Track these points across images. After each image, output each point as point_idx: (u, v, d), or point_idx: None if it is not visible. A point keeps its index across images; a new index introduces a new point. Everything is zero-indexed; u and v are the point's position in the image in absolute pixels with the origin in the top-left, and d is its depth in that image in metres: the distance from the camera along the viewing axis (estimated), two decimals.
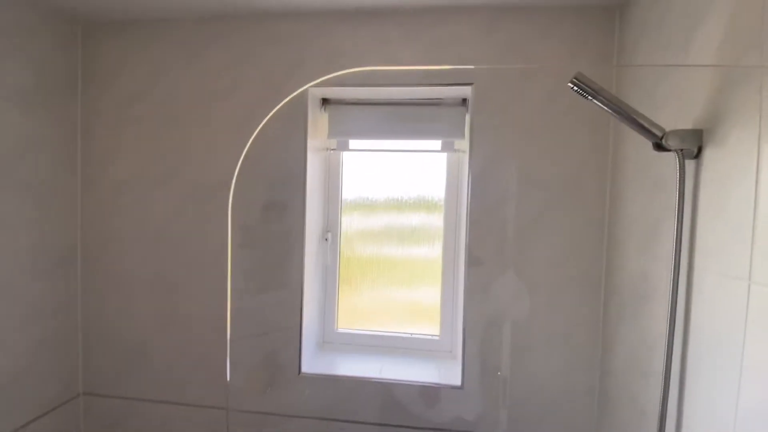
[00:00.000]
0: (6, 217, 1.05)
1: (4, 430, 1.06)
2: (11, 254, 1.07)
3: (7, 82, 1.04)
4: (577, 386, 1.10)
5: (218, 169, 1.21)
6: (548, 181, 1.08)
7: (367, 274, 1.41)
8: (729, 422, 0.61)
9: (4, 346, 1.06)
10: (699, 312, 0.70)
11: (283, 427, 1.21)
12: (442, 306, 1.34)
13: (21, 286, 1.10)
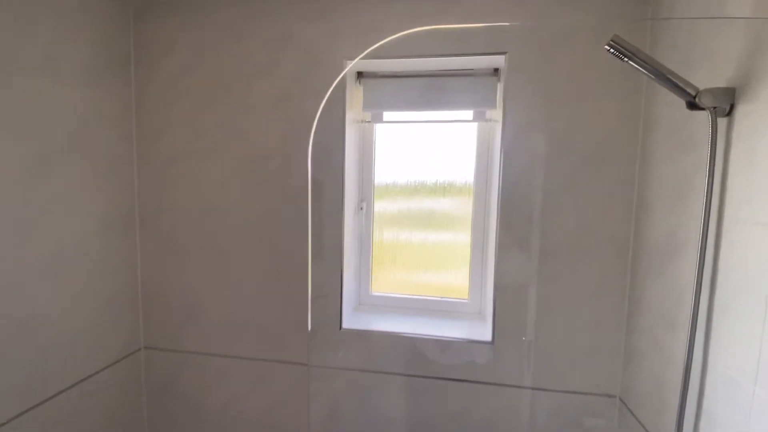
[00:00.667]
0: (78, 185, 1.16)
1: (76, 378, 1.19)
2: (82, 218, 1.18)
3: (71, 62, 1.13)
4: (603, 342, 1.16)
5: (261, 142, 1.29)
6: (579, 147, 1.12)
7: (399, 242, 1.48)
8: (752, 367, 0.67)
9: (78, 300, 1.19)
10: (727, 260, 0.75)
11: (326, 379, 1.33)
12: (471, 270, 1.41)
13: (91, 247, 1.22)
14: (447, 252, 1.46)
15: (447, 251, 1.46)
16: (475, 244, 1.39)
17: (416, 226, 1.46)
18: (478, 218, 1.37)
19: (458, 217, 1.42)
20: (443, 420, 1.27)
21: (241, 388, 1.38)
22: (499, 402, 1.23)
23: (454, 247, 1.44)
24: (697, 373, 0.82)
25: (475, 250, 1.40)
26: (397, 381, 1.28)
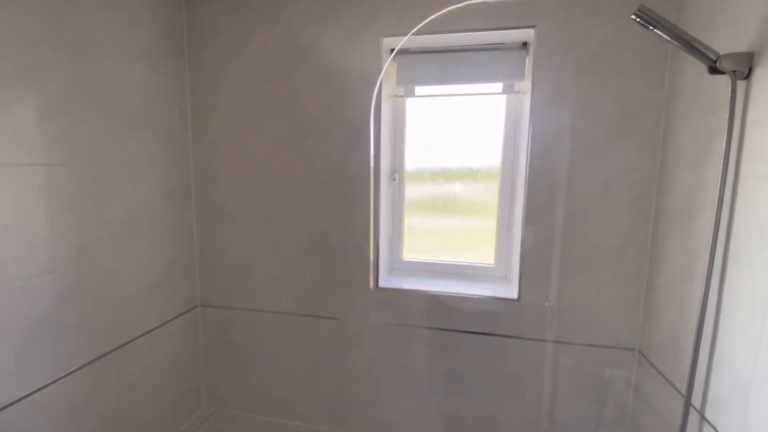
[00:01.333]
0: (144, 157, 1.31)
1: (144, 329, 1.36)
2: (147, 186, 1.33)
3: (137, 46, 1.26)
4: (624, 299, 1.25)
5: (304, 116, 1.40)
6: (605, 115, 1.19)
7: (428, 212, 1.59)
8: (762, 304, 0.74)
9: (146, 261, 1.35)
10: (742, 211, 0.82)
11: (363, 332, 1.46)
12: (498, 235, 1.50)
13: (156, 214, 1.37)
14: (474, 223, 1.56)
15: (474, 223, 1.56)
16: (502, 211, 1.48)
17: (446, 198, 1.55)
18: (506, 186, 1.45)
19: (487, 190, 1.51)
20: (471, 370, 1.39)
21: (287, 339, 1.54)
22: (523, 354, 1.34)
23: (482, 218, 1.54)
24: (711, 316, 0.91)
25: (502, 217, 1.49)
26: (428, 334, 1.41)
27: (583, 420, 1.32)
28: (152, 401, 1.38)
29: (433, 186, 1.56)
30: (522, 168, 1.34)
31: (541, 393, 1.35)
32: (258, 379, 1.59)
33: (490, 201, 1.50)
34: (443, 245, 1.59)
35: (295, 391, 1.56)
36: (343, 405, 1.52)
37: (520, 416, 1.37)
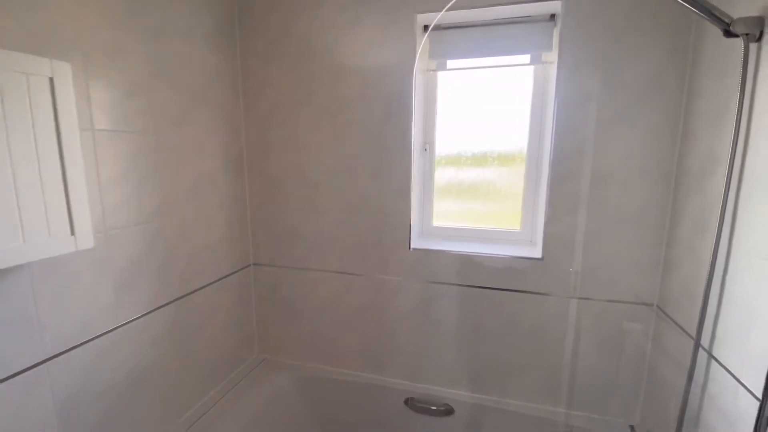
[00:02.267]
0: (206, 130, 1.48)
1: (208, 280, 1.54)
2: (209, 156, 1.51)
3: (196, 28, 1.41)
4: (644, 257, 1.33)
5: (344, 91, 1.53)
6: (630, 82, 1.25)
7: (457, 196, 1.70)
8: (763, 254, 0.83)
9: (209, 221, 1.53)
10: (753, 162, 0.90)
11: (398, 289, 1.61)
12: (524, 202, 1.60)
13: (216, 181, 1.55)
14: (502, 188, 1.66)
15: (502, 187, 1.66)
16: (528, 178, 1.57)
17: (474, 165, 1.66)
18: (533, 153, 1.54)
19: (514, 158, 1.60)
20: (496, 324, 1.52)
21: (329, 295, 1.71)
22: (546, 309, 1.46)
23: (509, 183, 1.63)
24: (721, 262, 0.99)
25: (528, 183, 1.58)
26: (457, 291, 1.54)
27: (603, 368, 1.43)
28: (215, 345, 1.60)
29: (460, 170, 1.66)
30: (548, 137, 1.42)
31: (563, 345, 1.46)
32: (303, 331, 1.78)
33: (518, 184, 1.59)
34: (472, 219, 1.70)
35: (336, 341, 1.74)
36: (379, 354, 1.69)
37: (542, 365, 1.49)
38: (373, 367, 1.71)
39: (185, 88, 1.37)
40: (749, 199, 0.91)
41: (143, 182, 1.22)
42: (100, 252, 1.10)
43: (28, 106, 0.78)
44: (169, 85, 1.30)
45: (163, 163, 1.30)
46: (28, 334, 0.93)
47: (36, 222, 0.81)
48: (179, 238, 1.38)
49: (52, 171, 0.83)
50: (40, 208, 0.81)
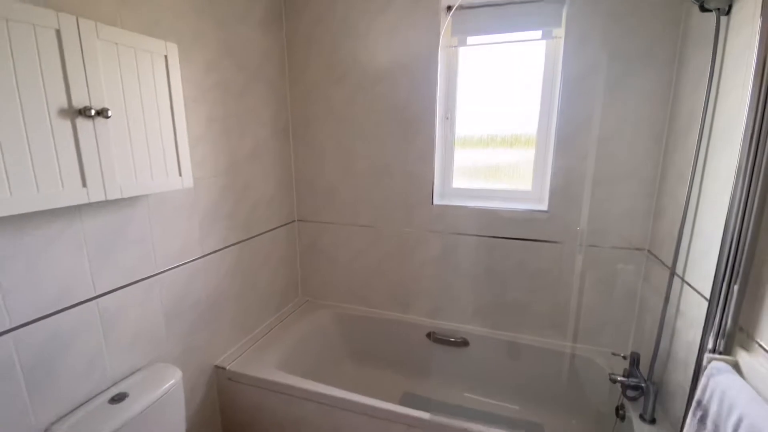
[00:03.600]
0: (260, 103, 1.75)
1: (263, 229, 1.84)
2: (264, 126, 1.79)
3: (253, 14, 1.67)
4: (638, 208, 1.53)
5: (374, 68, 1.77)
6: (627, 53, 1.43)
7: (476, 146, 1.92)
8: (727, 190, 1.03)
9: (263, 181, 1.82)
10: (718, 117, 1.09)
11: (421, 240, 1.87)
12: (535, 166, 1.81)
13: (269, 146, 1.83)
14: (515, 153, 1.87)
15: (515, 152, 1.86)
16: (539, 146, 1.77)
17: (491, 132, 1.87)
18: (543, 121, 1.74)
19: (528, 138, 1.80)
20: (507, 268, 1.76)
21: (362, 246, 1.99)
22: (550, 254, 1.68)
23: (521, 149, 1.84)
24: (693, 204, 1.19)
25: (539, 150, 1.78)
26: (473, 240, 1.78)
27: (600, 303, 1.65)
28: (268, 285, 1.91)
29: (477, 150, 1.88)
30: (556, 105, 1.62)
31: (565, 284, 1.69)
32: (339, 277, 2.08)
33: (529, 163, 1.80)
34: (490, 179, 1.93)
35: (367, 285, 2.03)
36: (404, 295, 1.97)
37: (546, 302, 1.73)
38: (399, 307, 1.99)
39: (245, 66, 1.64)
40: (715, 150, 1.10)
41: (217, 143, 1.51)
42: (191, 195, 1.40)
43: (152, 77, 1.06)
44: (233, 64, 1.57)
45: (230, 129, 1.58)
46: (146, 252, 1.25)
47: (158, 164, 1.10)
48: (242, 192, 1.68)
49: (167, 127, 1.12)
50: (161, 154, 1.11)
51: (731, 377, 0.84)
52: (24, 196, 0.80)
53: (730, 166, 0.95)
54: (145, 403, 1.10)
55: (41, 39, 0.81)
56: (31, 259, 0.94)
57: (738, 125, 0.92)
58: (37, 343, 0.96)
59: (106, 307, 1.13)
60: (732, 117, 1.02)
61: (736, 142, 0.89)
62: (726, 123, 1.05)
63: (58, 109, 0.85)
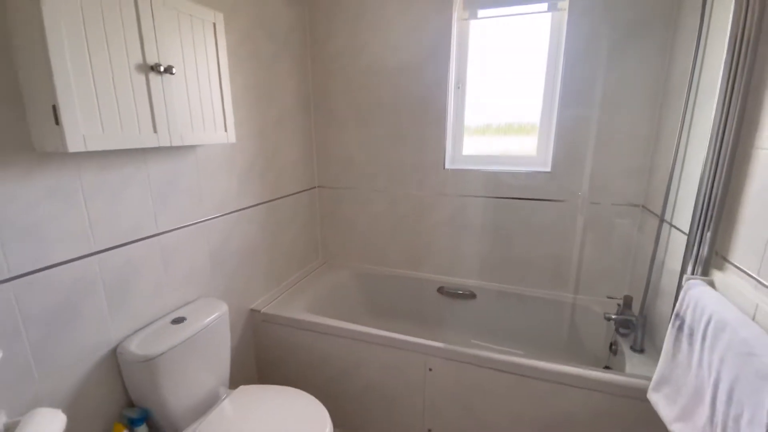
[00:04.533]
0: (285, 74, 1.90)
1: (287, 192, 2.00)
2: (288, 96, 1.94)
3: None
4: (636, 165, 1.67)
5: (391, 41, 1.90)
6: (626, 22, 1.55)
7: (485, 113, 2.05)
8: (706, 139, 1.17)
9: (288, 147, 1.98)
10: (704, 77, 1.22)
11: (434, 202, 2.03)
12: (540, 133, 1.94)
13: (293, 115, 1.99)
14: (522, 120, 2.00)
15: (521, 120, 2.00)
16: (544, 109, 1.91)
17: (501, 102, 2.00)
18: (548, 89, 1.87)
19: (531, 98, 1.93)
20: (512, 226, 1.91)
21: (378, 209, 2.15)
22: (552, 213, 1.83)
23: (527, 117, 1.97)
24: (681, 155, 1.33)
25: (543, 114, 1.91)
26: (481, 201, 1.94)
27: (599, 256, 1.81)
28: (293, 245, 2.08)
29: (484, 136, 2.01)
30: (560, 73, 1.75)
31: (566, 240, 1.84)
32: (357, 238, 2.25)
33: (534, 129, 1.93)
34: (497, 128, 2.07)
35: (382, 245, 2.20)
36: (417, 254, 2.13)
37: (548, 257, 1.89)
38: (413, 265, 2.16)
39: (273, 38, 1.79)
40: (700, 106, 1.24)
41: (251, 109, 1.67)
42: (231, 152, 1.57)
43: (203, 41, 1.22)
44: (263, 36, 1.72)
45: (260, 96, 1.73)
46: (195, 201, 1.42)
47: (208, 118, 1.26)
48: (271, 156, 1.84)
49: (216, 86, 1.28)
50: (210, 110, 1.27)
51: (705, 289, 1.00)
52: (112, 134, 0.97)
53: (710, 117, 1.09)
54: (200, 326, 1.28)
55: (123, 4, 0.97)
56: (110, 196, 1.11)
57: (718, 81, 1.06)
58: (115, 267, 1.14)
59: (166, 244, 1.30)
60: (714, 74, 1.16)
61: (716, 95, 1.03)
62: (710, 80, 1.18)
63: (135, 64, 1.01)
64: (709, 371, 0.87)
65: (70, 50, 0.86)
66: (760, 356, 0.72)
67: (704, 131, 1.19)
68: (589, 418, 1.30)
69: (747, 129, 0.98)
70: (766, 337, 0.76)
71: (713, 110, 1.04)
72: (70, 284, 1.03)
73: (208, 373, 1.33)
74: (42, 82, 0.86)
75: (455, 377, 1.46)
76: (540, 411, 1.37)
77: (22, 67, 0.89)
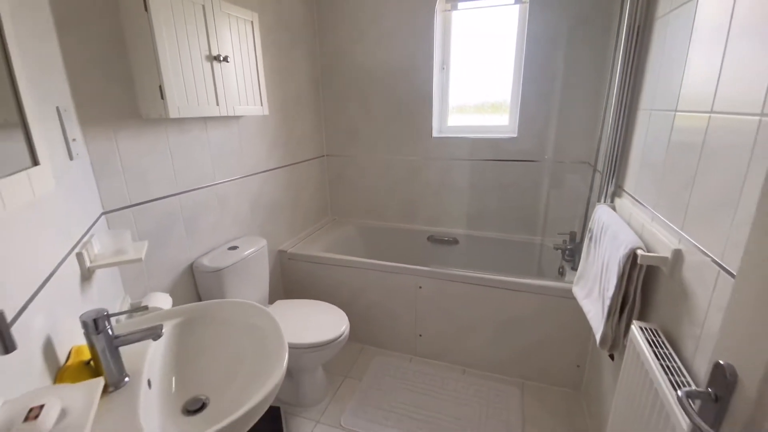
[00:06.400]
0: (300, 57, 2.29)
1: (302, 159, 2.42)
2: (302, 75, 2.33)
3: None
4: (585, 130, 2.10)
5: (387, 29, 2.28)
6: (576, 15, 1.95)
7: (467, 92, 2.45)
8: (648, 108, 1.59)
9: (302, 121, 2.38)
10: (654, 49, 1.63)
11: (423, 165, 2.45)
12: (511, 103, 2.35)
13: (306, 92, 2.38)
14: (497, 98, 2.41)
15: (496, 98, 2.41)
16: (514, 87, 2.32)
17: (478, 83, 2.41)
18: (517, 67, 2.28)
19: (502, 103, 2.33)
20: (487, 183, 2.35)
21: (378, 172, 2.58)
22: (520, 170, 2.27)
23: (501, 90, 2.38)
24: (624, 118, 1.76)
25: (513, 90, 2.32)
26: (464, 164, 2.37)
27: (557, 202, 2.26)
28: (307, 204, 2.51)
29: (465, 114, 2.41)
30: (523, 57, 2.15)
31: (530, 192, 2.29)
32: (360, 199, 2.68)
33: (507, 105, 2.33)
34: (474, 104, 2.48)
35: (381, 203, 2.63)
36: (410, 209, 2.57)
37: (516, 206, 2.34)
38: (407, 219, 2.61)
39: (290, 30, 2.17)
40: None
41: (277, 88, 2.07)
42: (263, 123, 1.98)
43: (243, 39, 1.61)
44: (282, 28, 2.10)
45: (282, 77, 2.13)
46: (237, 160, 1.84)
47: (250, 95, 1.67)
48: (291, 127, 2.25)
49: (254, 70, 1.68)
50: (251, 88, 1.67)
51: (605, 209, 1.45)
52: (192, 106, 1.38)
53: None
54: (249, 253, 1.73)
55: (196, 10, 1.36)
56: (185, 152, 1.53)
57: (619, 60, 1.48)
58: (189, 206, 1.57)
59: (220, 192, 1.73)
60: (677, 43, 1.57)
61: (618, 71, 1.45)
62: (658, 50, 1.60)
63: (205, 55, 1.41)
64: (600, 259, 1.32)
65: (168, 46, 1.27)
66: (620, 237, 1.18)
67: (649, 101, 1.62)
68: (534, 314, 1.78)
69: (636, 95, 1.41)
70: (627, 228, 1.21)
71: (616, 82, 1.46)
72: (164, 214, 1.47)
73: (254, 289, 1.79)
74: (150, 69, 1.26)
75: (438, 292, 1.92)
76: (500, 312, 1.84)
77: (133, 59, 1.29)
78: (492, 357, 1.94)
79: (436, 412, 1.72)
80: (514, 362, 1.91)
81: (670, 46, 1.15)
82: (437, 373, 1.96)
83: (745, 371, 0.53)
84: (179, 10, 1.30)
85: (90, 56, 1.16)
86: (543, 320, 1.78)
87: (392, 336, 2.11)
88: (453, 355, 2.01)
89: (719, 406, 0.57)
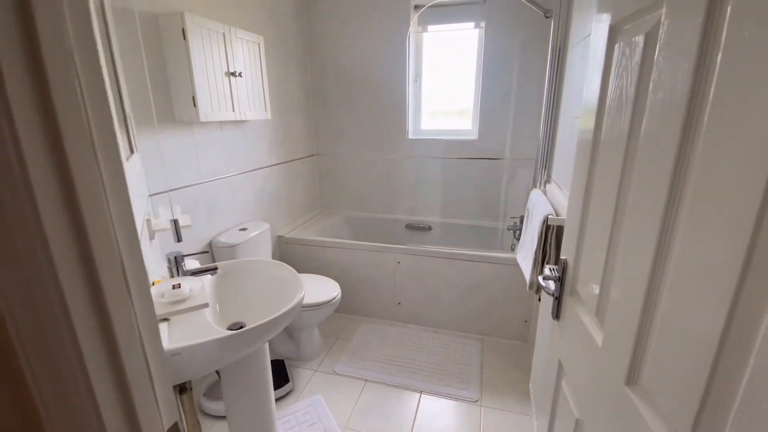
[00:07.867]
0: (295, 69, 2.66)
1: (297, 156, 2.80)
2: (294, 85, 2.70)
3: (287, 7, 2.55)
4: (533, 133, 2.55)
5: (370, 46, 2.69)
6: (523, 38, 2.40)
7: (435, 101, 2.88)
8: (572, 108, 2.03)
9: (296, 123, 2.75)
10: (568, 69, 2.09)
11: (401, 162, 2.86)
12: (473, 110, 2.79)
13: (299, 98, 2.75)
14: (463, 104, 2.85)
15: (463, 103, 2.84)
16: (475, 97, 2.76)
17: (447, 93, 2.84)
18: (477, 80, 2.72)
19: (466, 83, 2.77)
20: (454, 178, 2.78)
21: (362, 169, 2.97)
22: (482, 166, 2.70)
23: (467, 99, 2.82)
24: (552, 121, 2.21)
25: (474, 99, 2.76)
26: (437, 161, 2.79)
27: (511, 192, 2.70)
28: (301, 195, 2.87)
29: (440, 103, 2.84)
30: (481, 72, 2.59)
31: (491, 184, 2.73)
32: (346, 192, 3.06)
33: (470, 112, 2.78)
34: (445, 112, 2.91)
35: (366, 197, 3.03)
36: (392, 201, 2.98)
37: (480, 196, 2.77)
38: (387, 210, 3.01)
39: (285, 45, 2.54)
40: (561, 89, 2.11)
41: (276, 96, 2.44)
42: (265, 126, 2.34)
43: (251, 58, 1.98)
44: (280, 43, 2.47)
45: (280, 87, 2.50)
46: (245, 157, 2.19)
47: (256, 103, 2.04)
48: (286, 130, 2.62)
49: (260, 82, 2.05)
50: (257, 97, 2.04)
51: (538, 192, 1.88)
52: (215, 112, 1.74)
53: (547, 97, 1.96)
54: (256, 233, 2.08)
55: (218, 37, 1.73)
56: (206, 148, 1.88)
57: (546, 75, 1.92)
58: (208, 193, 1.92)
59: (232, 183, 2.09)
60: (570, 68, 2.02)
61: (545, 83, 1.90)
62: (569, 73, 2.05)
63: (224, 71, 1.78)
64: (530, 229, 1.75)
65: (198, 65, 1.63)
66: (541, 210, 1.60)
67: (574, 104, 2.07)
68: (490, 280, 2.20)
69: (558, 104, 1.86)
70: (547, 203, 1.64)
71: (544, 92, 1.91)
72: (191, 198, 1.81)
73: None
74: (185, 83, 1.62)
75: (415, 266, 2.32)
76: (464, 279, 2.26)
77: (171, 75, 1.64)
78: (458, 318, 2.35)
79: (413, 360, 2.11)
80: (476, 321, 2.32)
81: (579, 67, 1.60)
82: (414, 334, 2.36)
83: (569, 263, 0.94)
84: (207, 37, 1.67)
85: (140, 73, 1.52)
86: (497, 286, 2.21)
87: (376, 305, 2.50)
88: (427, 319, 2.42)
89: (561, 283, 0.99)
